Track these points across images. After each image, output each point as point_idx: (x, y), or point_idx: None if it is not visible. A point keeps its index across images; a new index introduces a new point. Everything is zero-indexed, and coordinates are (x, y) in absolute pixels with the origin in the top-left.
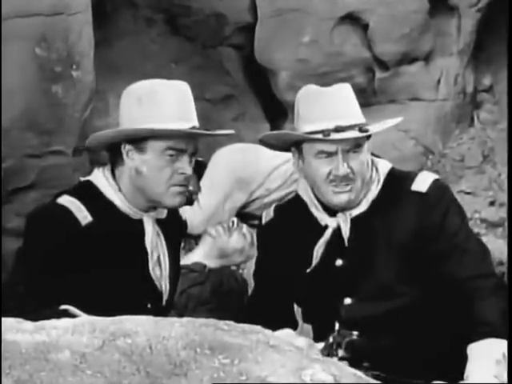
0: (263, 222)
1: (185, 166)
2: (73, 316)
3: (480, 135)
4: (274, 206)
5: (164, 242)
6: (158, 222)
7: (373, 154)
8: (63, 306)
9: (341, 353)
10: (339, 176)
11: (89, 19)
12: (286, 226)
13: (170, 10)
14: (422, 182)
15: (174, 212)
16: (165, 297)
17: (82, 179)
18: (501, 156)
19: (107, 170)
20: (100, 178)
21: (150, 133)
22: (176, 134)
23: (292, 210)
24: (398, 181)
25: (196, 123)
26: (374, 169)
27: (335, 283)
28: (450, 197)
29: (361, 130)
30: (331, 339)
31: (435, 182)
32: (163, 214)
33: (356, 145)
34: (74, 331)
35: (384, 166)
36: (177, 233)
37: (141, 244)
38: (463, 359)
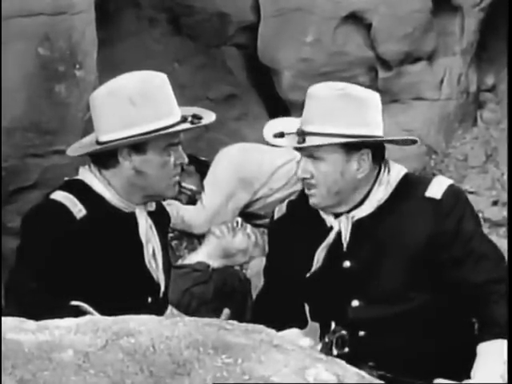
0: (275, 217)
1: (180, 155)
2: (84, 313)
3: (483, 135)
4: (287, 201)
5: (156, 234)
6: (149, 213)
7: None
8: (74, 302)
9: (335, 351)
10: (299, 178)
11: (92, 19)
12: (296, 224)
13: (173, 9)
14: (437, 188)
15: (160, 203)
16: (161, 288)
17: (68, 179)
18: (504, 155)
19: (93, 166)
20: (87, 174)
21: (155, 136)
22: (180, 131)
23: (303, 207)
24: (411, 186)
25: (179, 112)
26: (387, 171)
27: (343, 285)
28: (464, 202)
29: (298, 142)
30: (326, 338)
31: (450, 187)
32: (153, 206)
33: (311, 154)
34: (77, 331)
35: (398, 170)
36: (165, 224)
37: (135, 237)
38: (469, 362)
